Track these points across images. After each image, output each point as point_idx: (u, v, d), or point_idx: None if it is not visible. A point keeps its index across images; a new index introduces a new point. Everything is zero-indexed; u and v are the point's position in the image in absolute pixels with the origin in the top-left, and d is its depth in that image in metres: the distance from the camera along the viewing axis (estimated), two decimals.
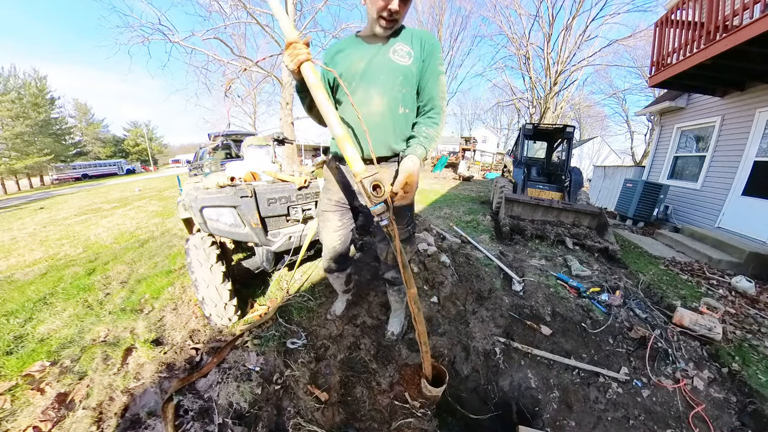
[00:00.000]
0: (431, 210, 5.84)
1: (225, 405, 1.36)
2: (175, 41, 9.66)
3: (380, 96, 1.23)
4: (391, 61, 1.21)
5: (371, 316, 2.15)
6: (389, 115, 1.26)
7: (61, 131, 31.47)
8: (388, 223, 1.12)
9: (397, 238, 1.15)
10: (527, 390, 1.88)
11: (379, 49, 1.23)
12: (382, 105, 1.24)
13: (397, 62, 1.21)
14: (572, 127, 5.93)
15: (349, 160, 1.08)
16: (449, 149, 33.32)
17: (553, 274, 2.97)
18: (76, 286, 2.68)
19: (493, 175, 14.57)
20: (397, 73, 1.22)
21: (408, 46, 1.22)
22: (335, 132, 1.10)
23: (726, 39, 3.44)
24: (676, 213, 5.77)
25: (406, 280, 1.26)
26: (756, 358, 2.06)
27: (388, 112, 1.25)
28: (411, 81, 1.25)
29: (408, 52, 1.22)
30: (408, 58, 1.22)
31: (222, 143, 8.11)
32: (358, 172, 1.07)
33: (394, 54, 1.21)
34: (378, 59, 1.23)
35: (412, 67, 1.22)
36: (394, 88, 1.24)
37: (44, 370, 1.63)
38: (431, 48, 1.24)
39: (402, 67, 1.22)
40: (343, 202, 1.54)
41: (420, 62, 1.24)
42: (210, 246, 1.91)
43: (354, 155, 1.08)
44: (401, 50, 1.22)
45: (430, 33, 1.31)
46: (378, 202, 1.09)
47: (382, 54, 1.22)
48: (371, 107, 1.24)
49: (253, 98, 24.50)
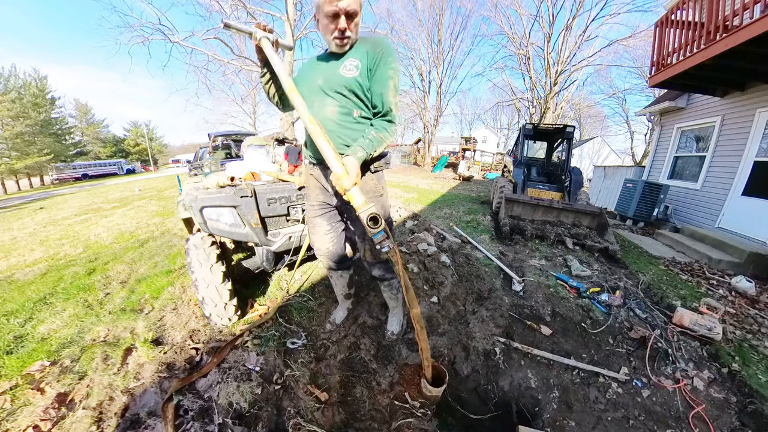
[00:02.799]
0: (431, 210, 5.84)
1: (225, 405, 1.36)
2: (175, 41, 9.67)
3: (334, 105, 1.36)
4: (340, 75, 1.32)
5: (371, 316, 2.15)
6: (340, 120, 1.37)
7: (61, 131, 31.46)
8: (389, 249, 1.21)
9: (400, 264, 1.24)
10: (527, 390, 1.88)
11: (333, 64, 1.35)
12: (334, 112, 1.36)
13: (343, 74, 1.31)
14: (572, 127, 5.93)
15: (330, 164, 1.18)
16: (449, 149, 33.35)
17: (553, 274, 2.97)
18: (76, 286, 2.68)
19: (493, 175, 14.58)
20: (343, 83, 1.32)
21: (357, 60, 1.31)
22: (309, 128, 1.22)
23: (726, 39, 3.44)
24: (676, 213, 5.76)
25: (409, 300, 1.33)
26: (756, 358, 2.06)
27: (339, 118, 1.37)
28: (358, 90, 1.33)
29: (356, 65, 1.31)
30: (355, 70, 1.31)
31: (222, 143, 8.12)
32: (358, 205, 1.16)
33: (343, 69, 1.32)
34: (330, 73, 1.34)
35: (359, 78, 1.31)
36: (344, 98, 1.35)
37: (44, 369, 1.63)
38: (380, 55, 1.30)
39: (348, 80, 1.31)
40: (326, 203, 1.60)
41: (367, 71, 1.32)
42: (210, 246, 1.91)
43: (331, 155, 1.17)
44: (350, 65, 1.32)
45: (381, 40, 1.37)
46: (377, 233, 1.16)
47: (333, 68, 1.34)
48: (326, 113, 1.37)
49: (253, 98, 24.54)
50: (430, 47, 18.56)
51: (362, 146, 1.27)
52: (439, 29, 17.91)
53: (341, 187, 1.15)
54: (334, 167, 1.16)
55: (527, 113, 17.48)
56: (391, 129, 1.36)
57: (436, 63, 18.58)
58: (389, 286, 1.81)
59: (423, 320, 1.42)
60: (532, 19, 15.29)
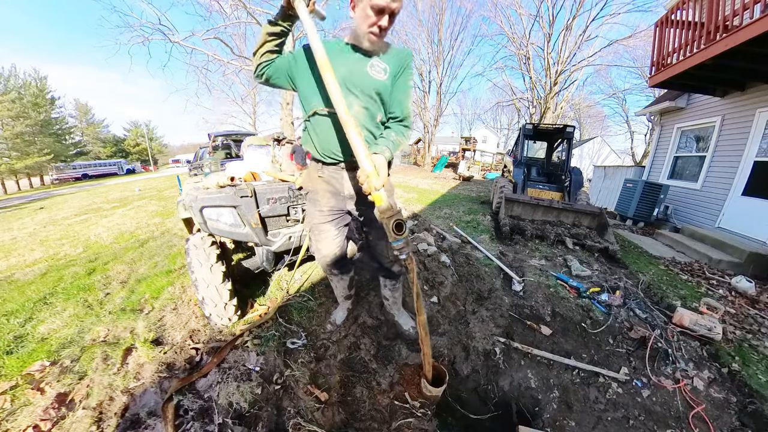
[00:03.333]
0: (431, 210, 5.84)
1: (225, 405, 1.36)
2: (175, 41, 9.67)
3: (359, 105, 1.31)
4: (368, 75, 1.28)
5: (371, 316, 2.14)
6: (365, 121, 1.34)
7: (61, 131, 31.47)
8: (406, 257, 1.21)
9: (414, 272, 1.25)
10: (527, 390, 1.88)
11: (359, 60, 1.30)
12: (360, 113, 1.32)
13: (374, 77, 1.29)
14: (572, 127, 5.93)
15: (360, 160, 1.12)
16: (449, 149, 33.35)
17: (553, 274, 2.97)
18: (76, 286, 2.68)
19: (493, 175, 14.58)
20: (374, 86, 1.30)
21: (384, 63, 1.30)
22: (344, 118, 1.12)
23: (726, 39, 3.44)
24: (676, 213, 5.76)
25: (417, 308, 1.37)
26: (756, 358, 2.06)
27: (364, 119, 1.33)
28: (384, 94, 1.33)
29: (384, 69, 1.30)
30: (384, 74, 1.30)
31: (222, 143, 8.12)
32: (383, 209, 1.13)
33: (372, 68, 1.29)
34: (357, 70, 1.29)
35: (387, 82, 1.31)
36: (370, 100, 1.32)
37: (44, 369, 1.63)
38: (405, 65, 1.34)
39: (378, 82, 1.30)
40: (337, 208, 1.53)
41: (393, 77, 1.33)
42: (210, 246, 1.91)
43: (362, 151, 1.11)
44: (378, 66, 1.29)
45: (407, 51, 1.39)
46: (400, 239, 1.15)
47: (361, 66, 1.29)
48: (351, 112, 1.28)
49: (253, 98, 24.53)
50: (430, 47, 18.60)
51: (388, 147, 1.26)
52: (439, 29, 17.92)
53: (370, 186, 1.11)
54: (364, 164, 1.11)
55: (527, 113, 17.48)
56: (407, 134, 1.40)
57: (436, 63, 18.60)
58: (394, 285, 1.84)
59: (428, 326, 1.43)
60: (532, 19, 15.30)
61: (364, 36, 1.22)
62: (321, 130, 1.36)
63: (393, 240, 1.16)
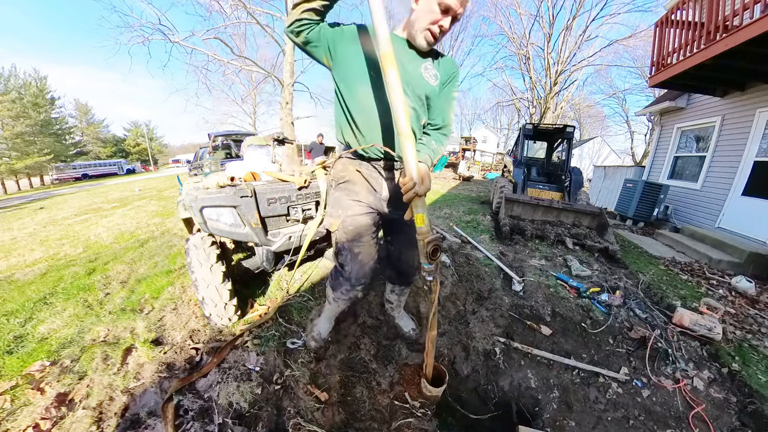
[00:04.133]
0: (431, 210, 5.84)
1: (225, 405, 1.36)
2: (175, 41, 9.67)
3: (408, 104, 1.22)
4: (422, 77, 1.26)
5: (371, 316, 2.14)
6: (413, 122, 1.27)
7: (61, 131, 31.50)
8: (432, 279, 1.22)
9: (437, 293, 1.27)
10: (527, 390, 1.88)
11: (413, 59, 1.24)
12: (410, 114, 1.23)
13: (427, 80, 1.27)
14: (572, 127, 5.94)
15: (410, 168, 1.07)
16: (449, 149, 33.35)
17: (553, 274, 2.97)
18: (76, 286, 2.68)
19: (493, 175, 14.57)
20: (425, 89, 1.28)
21: (435, 69, 1.28)
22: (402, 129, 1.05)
23: (726, 39, 3.44)
24: (676, 213, 5.77)
25: (431, 323, 1.38)
26: (756, 358, 2.06)
27: (412, 120, 1.25)
28: (432, 99, 1.32)
29: (435, 75, 1.28)
30: (435, 80, 1.28)
31: (222, 143, 8.12)
32: (423, 232, 1.12)
33: (425, 71, 1.26)
34: (412, 70, 1.23)
35: (436, 88, 1.30)
36: (419, 102, 1.29)
37: (44, 369, 1.63)
38: (453, 75, 1.34)
39: (430, 86, 1.28)
40: (374, 206, 1.40)
41: (441, 85, 1.31)
42: (210, 246, 1.90)
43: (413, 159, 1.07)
44: (430, 70, 1.27)
45: (455, 61, 1.38)
46: (432, 263, 1.15)
47: (415, 66, 1.24)
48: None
49: (253, 98, 24.55)
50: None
51: (429, 156, 1.25)
52: None
53: (414, 193, 1.07)
54: (411, 170, 1.06)
55: (527, 113, 17.50)
56: (446, 143, 1.40)
57: None
58: (402, 291, 1.85)
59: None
60: (532, 19, 15.33)
61: (420, 32, 1.15)
62: (367, 126, 1.26)
63: (426, 263, 1.15)
